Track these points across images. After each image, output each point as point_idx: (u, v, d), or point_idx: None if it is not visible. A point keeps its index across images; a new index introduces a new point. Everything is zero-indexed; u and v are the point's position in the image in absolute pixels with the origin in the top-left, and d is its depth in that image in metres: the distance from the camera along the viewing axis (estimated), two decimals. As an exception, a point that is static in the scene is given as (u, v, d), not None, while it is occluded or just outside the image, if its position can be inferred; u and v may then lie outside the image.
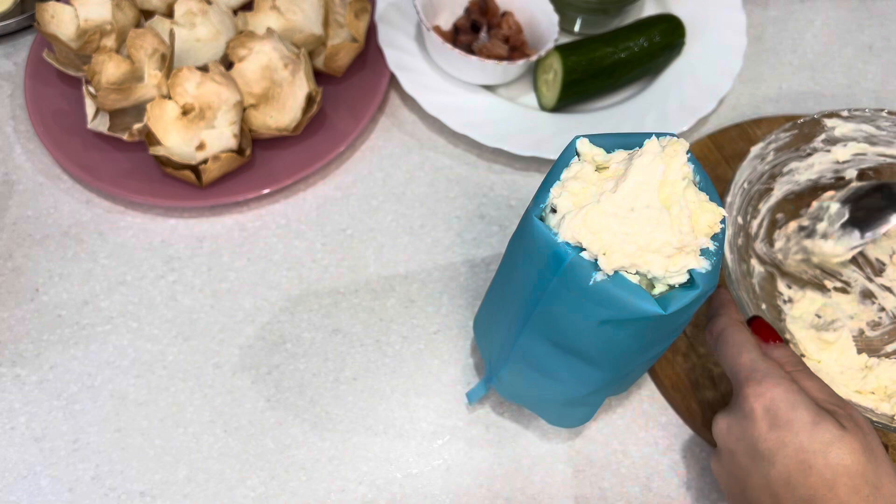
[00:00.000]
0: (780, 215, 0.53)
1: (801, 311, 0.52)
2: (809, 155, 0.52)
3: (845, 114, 0.51)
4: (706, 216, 0.33)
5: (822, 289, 0.53)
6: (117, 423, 0.48)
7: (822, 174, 0.54)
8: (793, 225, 0.53)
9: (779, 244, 0.53)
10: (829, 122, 0.51)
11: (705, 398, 0.49)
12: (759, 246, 0.52)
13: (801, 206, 0.54)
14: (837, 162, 0.53)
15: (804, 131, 0.51)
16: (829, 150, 0.53)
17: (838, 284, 0.53)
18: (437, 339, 0.52)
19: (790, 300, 0.52)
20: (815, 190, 0.54)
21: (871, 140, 0.52)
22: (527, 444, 0.49)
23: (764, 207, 0.53)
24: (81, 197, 0.56)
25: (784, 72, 0.68)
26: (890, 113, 0.51)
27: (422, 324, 0.52)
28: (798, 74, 0.68)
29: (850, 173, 0.54)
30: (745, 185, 0.49)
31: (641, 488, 0.48)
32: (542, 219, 0.34)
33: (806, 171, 0.53)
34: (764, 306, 0.51)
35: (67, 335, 0.51)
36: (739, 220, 0.50)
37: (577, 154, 0.35)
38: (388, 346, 0.51)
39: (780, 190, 0.53)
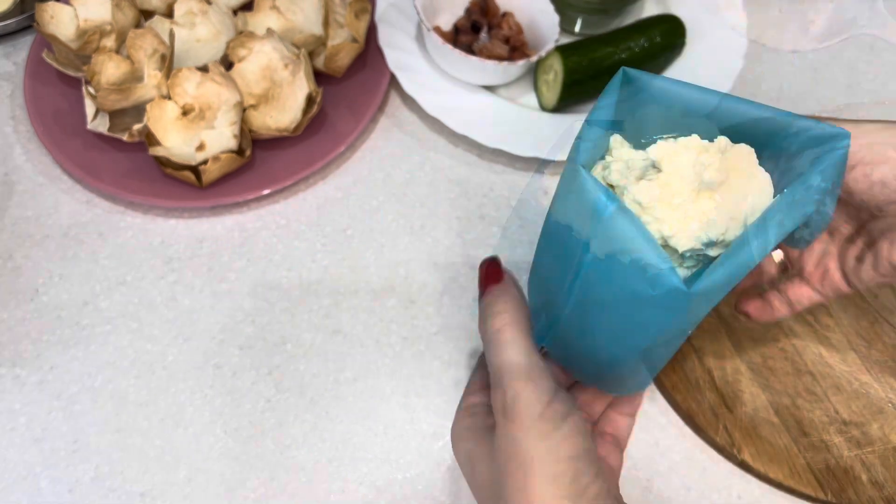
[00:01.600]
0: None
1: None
2: None
3: None
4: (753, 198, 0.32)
5: None
6: (117, 423, 0.48)
7: None
8: None
9: None
10: None
11: (705, 399, 0.49)
12: None
13: None
14: None
15: None
16: None
17: None
18: (438, 340, 0.52)
19: None
20: None
21: None
22: (527, 444, 0.48)
23: None
24: (81, 197, 0.56)
25: (784, 72, 0.68)
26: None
27: (422, 324, 0.52)
28: (798, 74, 0.68)
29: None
30: None
31: (642, 490, 0.47)
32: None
33: None
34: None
35: (67, 335, 0.51)
36: None
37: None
38: (388, 346, 0.51)
39: None
